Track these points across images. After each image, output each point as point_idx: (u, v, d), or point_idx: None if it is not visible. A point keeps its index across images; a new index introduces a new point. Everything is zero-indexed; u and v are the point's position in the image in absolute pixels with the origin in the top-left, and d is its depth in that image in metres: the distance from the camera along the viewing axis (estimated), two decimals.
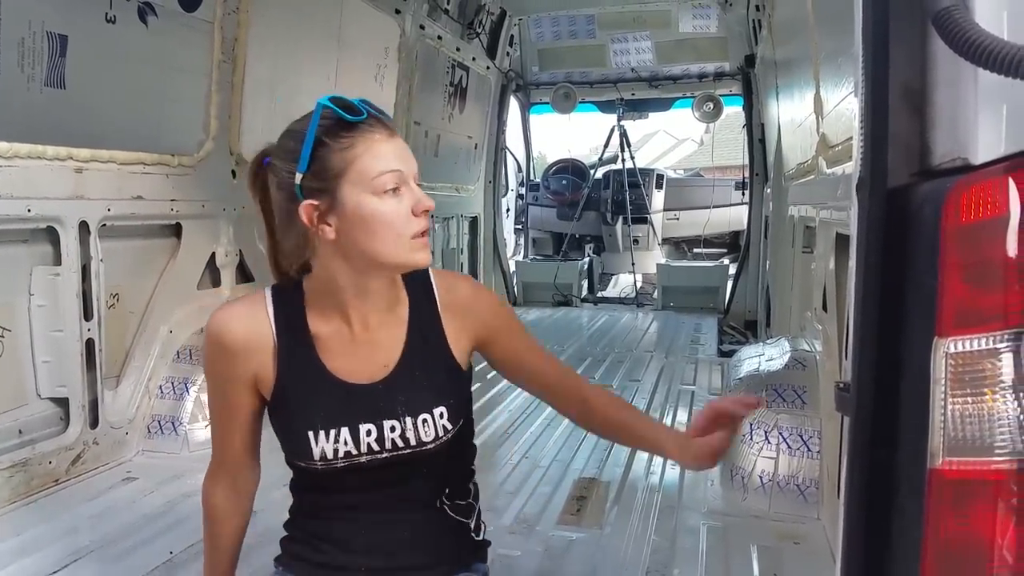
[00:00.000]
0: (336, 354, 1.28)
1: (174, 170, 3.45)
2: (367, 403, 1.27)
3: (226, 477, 1.35)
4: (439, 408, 1.28)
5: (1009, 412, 0.85)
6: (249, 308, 1.30)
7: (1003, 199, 0.84)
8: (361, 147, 1.18)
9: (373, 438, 1.25)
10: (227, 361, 1.27)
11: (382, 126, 1.21)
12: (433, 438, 1.28)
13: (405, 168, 1.20)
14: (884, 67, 0.94)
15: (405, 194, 1.19)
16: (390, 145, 1.20)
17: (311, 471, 1.29)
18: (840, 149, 2.61)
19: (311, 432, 1.24)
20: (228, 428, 1.32)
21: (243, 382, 1.28)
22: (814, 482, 2.63)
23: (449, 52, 6.04)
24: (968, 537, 0.87)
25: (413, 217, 1.19)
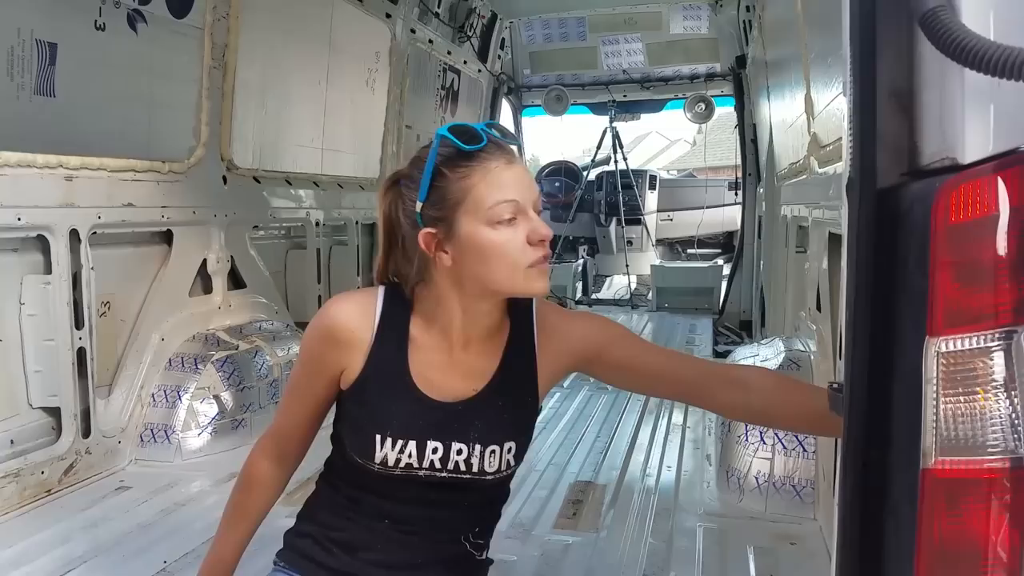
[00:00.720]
0: (427, 366, 1.29)
1: (165, 177, 3.44)
2: (442, 421, 1.27)
3: (275, 449, 1.38)
4: (510, 443, 1.29)
5: (1001, 411, 0.85)
6: (361, 301, 1.32)
7: (992, 198, 0.84)
8: (477, 176, 1.20)
9: (438, 456, 1.26)
10: (326, 347, 1.30)
11: (502, 153, 1.21)
12: (495, 470, 1.29)
13: (522, 197, 1.20)
14: (872, 68, 0.94)
15: (521, 223, 1.19)
16: (508, 174, 1.20)
17: (363, 469, 1.29)
18: (831, 149, 2.61)
19: (379, 435, 1.25)
20: (298, 402, 1.35)
21: (330, 371, 1.31)
22: (810, 482, 2.63)
23: (440, 55, 6.05)
24: (962, 536, 0.87)
25: (529, 246, 1.19)
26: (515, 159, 1.22)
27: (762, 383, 1.33)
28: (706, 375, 1.35)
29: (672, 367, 1.35)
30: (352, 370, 1.29)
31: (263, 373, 3.68)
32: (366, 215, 5.04)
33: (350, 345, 1.28)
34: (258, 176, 4.14)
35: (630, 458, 3.37)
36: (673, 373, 1.34)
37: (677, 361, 1.37)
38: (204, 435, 3.42)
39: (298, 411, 1.36)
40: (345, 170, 5.02)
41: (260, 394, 3.62)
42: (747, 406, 1.32)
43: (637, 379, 1.37)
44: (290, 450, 1.38)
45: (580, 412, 4.12)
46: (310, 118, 4.51)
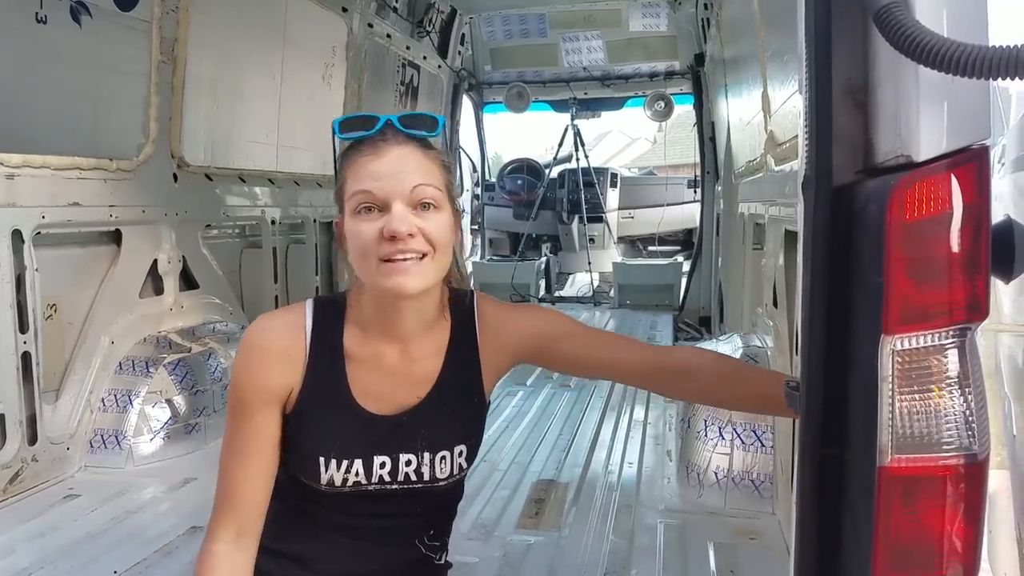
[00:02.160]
0: (367, 380, 1.23)
1: (112, 175, 3.34)
2: (387, 435, 1.23)
3: (230, 531, 1.20)
4: (460, 446, 1.26)
5: (955, 408, 0.85)
6: (288, 318, 1.26)
7: (946, 196, 0.85)
8: (349, 166, 1.17)
9: (387, 470, 1.23)
10: (262, 370, 1.21)
11: (379, 143, 1.16)
12: (448, 475, 1.26)
13: (381, 189, 1.14)
14: (827, 65, 0.93)
15: (382, 217, 1.14)
16: (373, 164, 1.15)
17: (309, 486, 1.25)
18: (788, 147, 2.63)
19: (322, 458, 1.21)
20: (244, 463, 1.21)
21: (273, 396, 1.21)
22: (768, 477, 2.66)
23: (399, 51, 5.98)
24: (917, 532, 0.87)
25: (382, 240, 1.13)
26: (388, 150, 1.16)
27: (709, 368, 1.32)
28: (654, 364, 1.33)
29: (619, 358, 1.32)
30: (292, 393, 1.22)
31: (217, 376, 3.60)
32: (324, 213, 4.95)
33: (285, 363, 1.21)
34: (210, 173, 4.04)
35: (592, 455, 3.37)
36: (621, 363, 1.32)
37: (624, 351, 1.33)
38: (156, 440, 3.33)
39: (247, 474, 1.21)
40: (302, 167, 4.93)
41: (214, 397, 3.54)
42: (697, 391, 1.34)
43: (584, 369, 1.36)
44: (250, 524, 1.22)
45: (543, 410, 4.11)
46: (264, 113, 4.41)
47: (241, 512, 1.21)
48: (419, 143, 1.19)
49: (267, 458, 1.23)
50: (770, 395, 1.23)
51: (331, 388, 1.22)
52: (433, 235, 1.14)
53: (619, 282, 8.09)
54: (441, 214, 1.17)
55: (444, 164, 1.21)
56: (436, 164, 1.19)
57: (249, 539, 1.22)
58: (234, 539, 1.20)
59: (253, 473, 1.22)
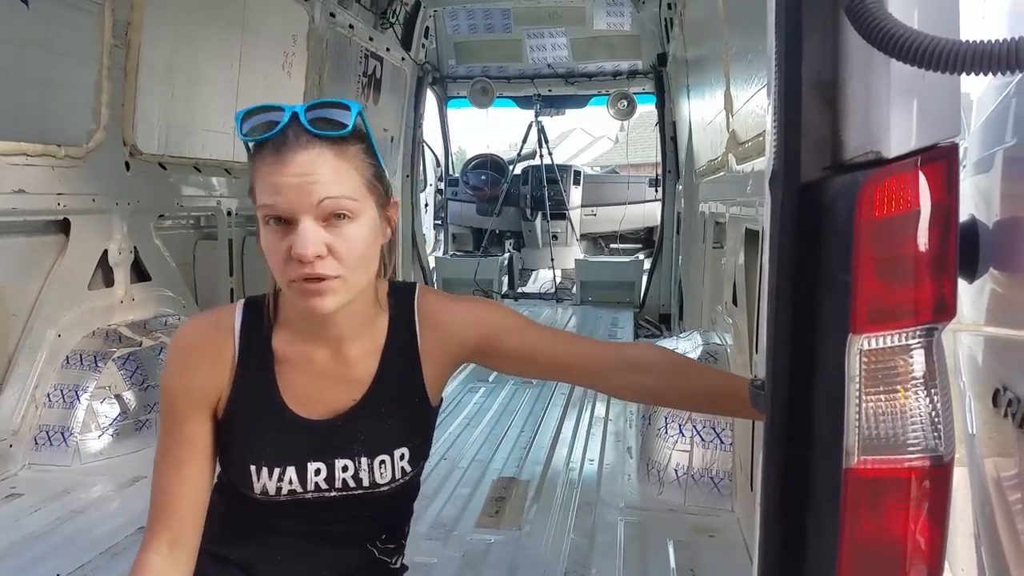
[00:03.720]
0: (299, 384, 1.17)
1: (61, 162, 3.22)
2: (320, 440, 1.16)
3: (165, 541, 1.14)
4: (401, 449, 1.19)
5: (921, 409, 0.84)
6: (216, 319, 1.18)
7: (915, 193, 0.83)
8: (255, 171, 1.06)
9: (322, 477, 1.16)
10: (190, 373, 1.15)
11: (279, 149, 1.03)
12: (389, 480, 1.19)
13: (286, 203, 1.01)
14: (797, 59, 0.91)
15: (290, 231, 1.02)
16: (278, 174, 1.02)
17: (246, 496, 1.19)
18: (749, 146, 2.64)
19: (253, 466, 1.15)
20: (179, 474, 1.15)
21: (204, 400, 1.15)
22: (727, 474, 2.67)
23: (361, 42, 5.89)
24: (883, 534, 0.86)
25: (290, 259, 1.02)
26: (296, 156, 1.02)
27: (659, 365, 1.26)
28: (603, 361, 1.25)
29: (567, 354, 1.24)
30: (222, 398, 1.16)
31: None
32: None
33: (214, 365, 1.15)
34: (164, 162, 3.93)
35: (553, 452, 3.36)
36: (568, 361, 1.24)
37: (572, 348, 1.26)
38: (105, 437, 3.23)
39: (181, 483, 1.15)
40: None
41: None
42: (646, 388, 1.26)
43: (531, 368, 1.27)
44: (185, 536, 1.15)
45: (504, 407, 4.09)
46: (221, 102, 4.29)
47: (175, 523, 1.15)
48: (332, 141, 1.05)
49: (202, 467, 1.16)
50: (723, 391, 1.20)
51: (261, 392, 1.16)
52: (344, 253, 1.04)
53: (581, 279, 8.12)
54: (355, 224, 1.05)
55: (364, 156, 1.09)
56: (353, 163, 1.06)
57: (184, 552, 1.15)
58: (168, 552, 1.14)
59: (187, 483, 1.15)
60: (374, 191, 1.10)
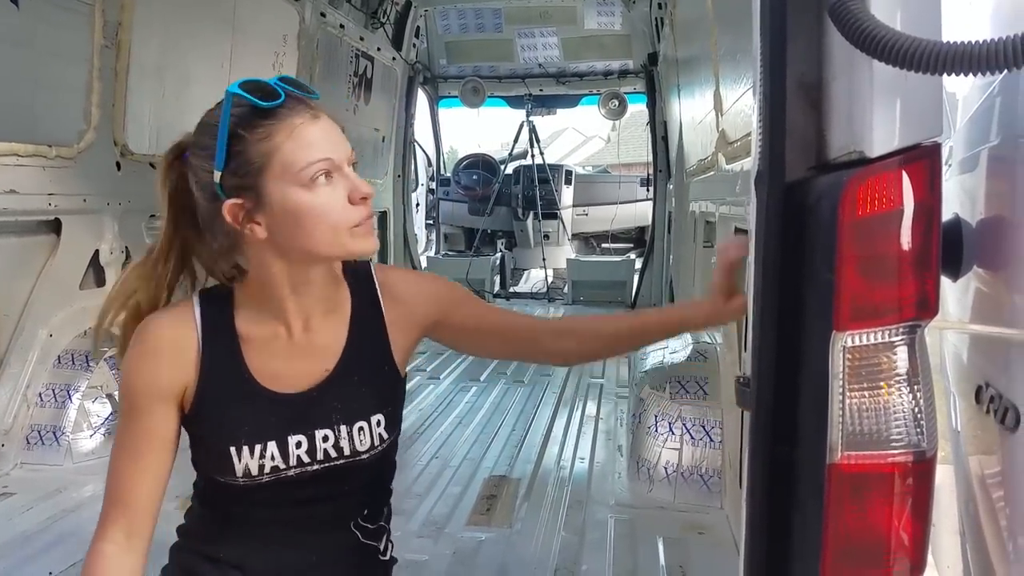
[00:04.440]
0: (267, 360, 1.18)
1: (51, 162, 3.21)
2: (299, 412, 1.17)
3: (120, 530, 1.14)
4: (377, 416, 1.21)
5: (904, 405, 0.86)
6: (175, 313, 1.19)
7: (897, 193, 0.85)
8: (282, 136, 1.08)
9: (304, 450, 1.17)
10: (152, 367, 1.15)
11: (304, 107, 1.10)
12: (368, 447, 1.20)
13: (335, 153, 1.10)
14: (781, 60, 0.93)
15: (339, 181, 1.10)
16: (315, 129, 1.10)
17: (227, 485, 1.18)
18: (739, 145, 2.66)
19: (233, 448, 1.14)
20: (137, 464, 1.15)
21: (167, 395, 1.15)
22: (717, 472, 2.69)
23: (352, 41, 5.88)
24: (866, 529, 0.88)
25: (351, 206, 1.10)
26: (320, 112, 1.12)
27: (584, 327, 1.40)
28: (539, 329, 1.37)
29: (508, 324, 1.36)
30: (189, 389, 1.17)
31: None
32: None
33: (176, 359, 1.16)
34: (155, 162, 3.86)
35: (544, 451, 3.37)
36: (510, 330, 1.35)
37: (512, 318, 1.38)
38: (97, 436, 3.22)
39: (137, 474, 1.15)
40: None
41: None
42: (578, 351, 1.39)
43: (478, 339, 1.36)
44: (140, 525, 1.15)
45: (496, 406, 4.10)
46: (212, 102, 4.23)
47: (131, 513, 1.15)
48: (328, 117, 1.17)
49: (159, 458, 1.16)
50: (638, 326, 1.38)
51: (230, 375, 1.17)
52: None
53: (573, 278, 8.12)
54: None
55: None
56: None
57: (139, 540, 1.16)
58: (124, 540, 1.15)
59: (144, 473, 1.16)
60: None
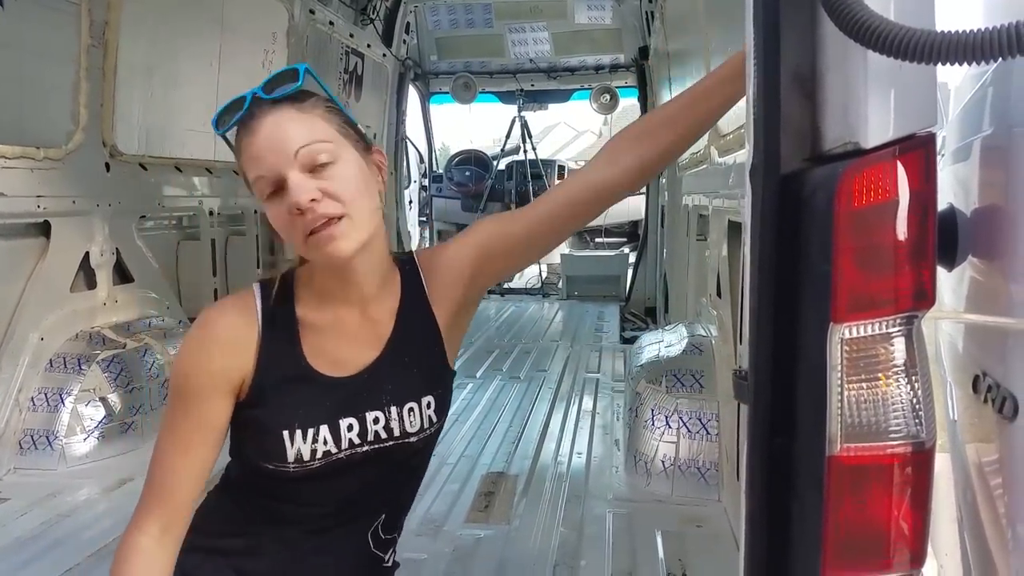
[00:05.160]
0: (324, 346, 1.19)
1: (40, 164, 3.19)
2: (350, 395, 1.18)
3: (157, 524, 1.14)
4: (427, 397, 1.22)
5: (902, 396, 0.85)
6: (237, 302, 1.20)
7: (893, 183, 0.84)
8: (240, 157, 1.12)
9: (355, 432, 1.18)
10: (212, 357, 1.15)
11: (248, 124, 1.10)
12: (418, 429, 1.21)
13: (272, 166, 1.07)
14: (775, 51, 0.92)
15: (286, 191, 1.07)
16: (253, 144, 1.09)
17: (274, 475, 1.17)
18: (731, 138, 2.66)
19: (287, 432, 1.14)
20: (186, 456, 1.15)
21: (225, 384, 1.16)
22: (714, 465, 2.69)
23: (342, 38, 5.86)
24: (866, 521, 0.87)
25: (294, 216, 1.07)
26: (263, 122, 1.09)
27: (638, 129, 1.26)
28: (584, 180, 1.25)
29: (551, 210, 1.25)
30: (247, 376, 1.17)
31: (154, 372, 3.48)
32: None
33: (236, 349, 1.16)
34: (144, 163, 3.89)
35: (542, 446, 3.37)
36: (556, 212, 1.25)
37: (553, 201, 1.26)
38: (91, 440, 3.21)
39: (184, 467, 1.14)
40: None
41: (151, 395, 3.42)
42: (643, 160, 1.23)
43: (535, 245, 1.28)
44: (176, 520, 1.16)
45: (493, 402, 4.09)
46: (201, 101, 4.25)
47: (170, 507, 1.15)
48: (292, 101, 1.11)
49: (207, 451, 1.17)
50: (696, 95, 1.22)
51: (287, 362, 1.18)
52: (338, 192, 1.08)
53: (567, 273, 8.13)
54: (340, 165, 1.10)
55: (327, 109, 1.13)
56: (316, 115, 1.11)
57: (172, 536, 1.16)
58: (159, 535, 1.15)
59: (191, 467, 1.15)
60: (348, 136, 1.14)
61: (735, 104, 1.27)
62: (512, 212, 1.31)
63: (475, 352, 5.36)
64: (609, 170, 1.23)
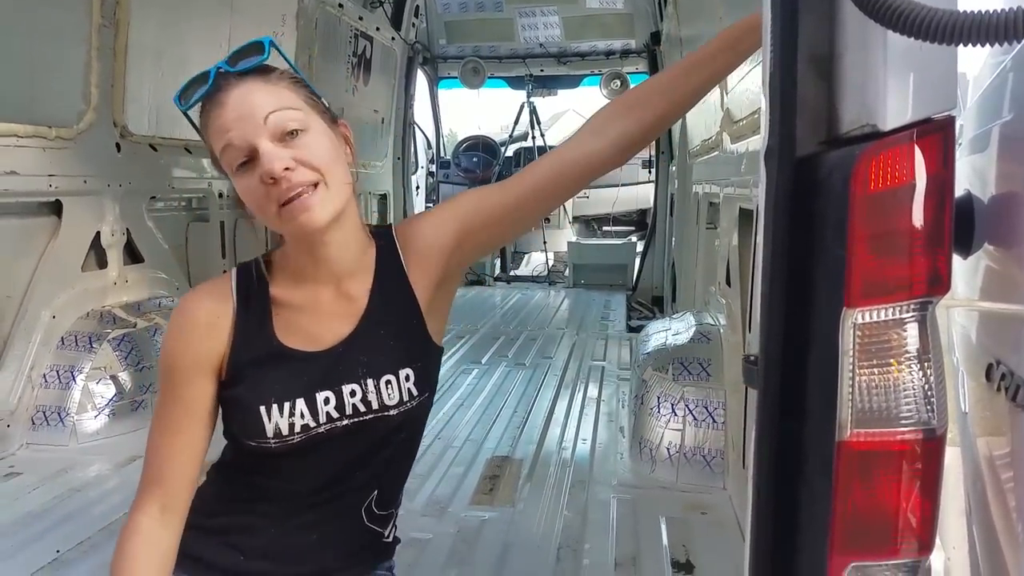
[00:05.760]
0: (298, 323, 1.20)
1: (51, 143, 3.20)
2: (326, 369, 1.18)
3: (156, 504, 1.16)
4: (405, 370, 1.20)
5: (914, 382, 0.85)
6: (213, 287, 1.22)
7: (910, 167, 0.83)
8: (206, 130, 1.11)
9: (332, 405, 1.17)
10: (188, 340, 1.17)
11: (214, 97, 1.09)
12: (397, 402, 1.20)
13: (239, 135, 1.07)
14: (792, 32, 0.91)
15: (258, 162, 1.07)
16: (221, 116, 1.08)
17: (259, 453, 1.18)
18: (744, 124, 2.64)
19: (263, 407, 1.15)
20: (174, 438, 1.17)
21: (204, 366, 1.17)
22: (719, 452, 2.69)
23: (351, 21, 5.83)
24: (875, 507, 0.87)
25: (267, 186, 1.07)
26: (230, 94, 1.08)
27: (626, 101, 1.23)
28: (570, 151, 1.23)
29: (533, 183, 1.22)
30: (224, 356, 1.19)
31: None
32: None
33: (213, 330, 1.18)
34: (155, 143, 3.89)
35: (546, 432, 3.38)
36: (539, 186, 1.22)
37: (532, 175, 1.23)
38: (101, 417, 3.24)
39: (176, 448, 1.17)
40: None
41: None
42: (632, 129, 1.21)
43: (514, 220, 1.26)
44: (176, 500, 1.18)
45: (498, 388, 4.10)
46: None
47: (166, 487, 1.18)
48: (258, 74, 1.11)
49: (196, 433, 1.19)
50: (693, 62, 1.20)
51: (260, 342, 1.19)
52: (312, 160, 1.08)
53: (574, 262, 8.12)
54: (311, 135, 1.10)
55: (293, 81, 1.13)
56: (283, 86, 1.11)
57: (174, 516, 1.19)
58: (159, 514, 1.17)
59: (180, 448, 1.18)
60: (315, 107, 1.15)
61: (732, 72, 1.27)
62: (494, 185, 1.29)
63: (481, 338, 5.37)
64: (595, 142, 1.21)
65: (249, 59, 1.11)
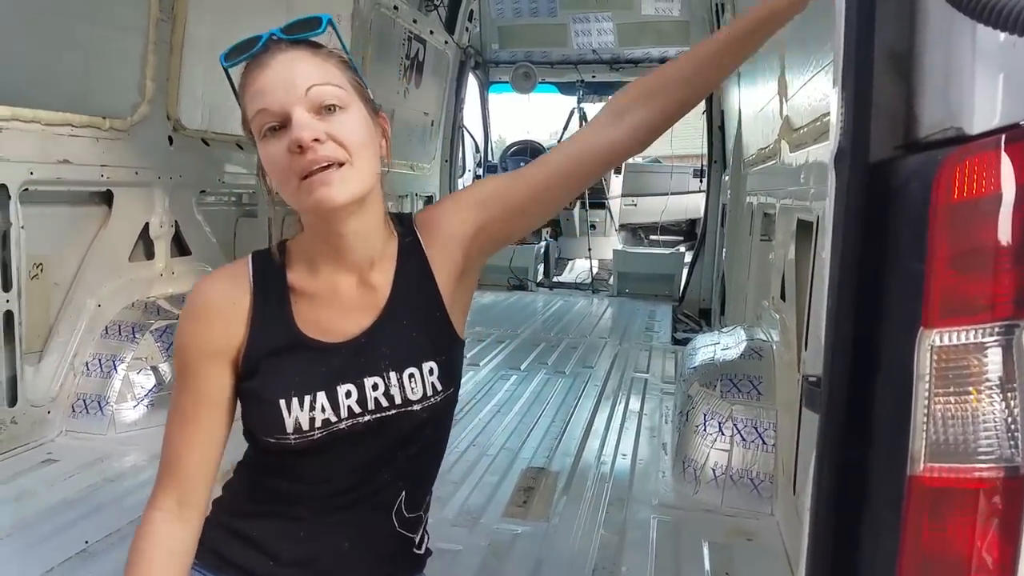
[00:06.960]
0: (318, 313, 1.16)
1: (105, 134, 3.25)
2: (347, 361, 1.14)
3: (172, 498, 1.13)
4: (429, 363, 1.16)
5: (996, 414, 0.76)
6: (229, 272, 1.19)
7: (997, 176, 0.75)
8: (244, 92, 1.09)
9: (354, 399, 1.13)
10: (203, 327, 1.14)
11: (261, 60, 1.08)
12: (421, 396, 1.15)
13: (276, 102, 1.04)
14: (868, 26, 0.84)
15: (288, 129, 1.04)
16: (261, 79, 1.06)
17: (279, 450, 1.14)
18: (805, 131, 2.53)
19: (283, 400, 1.11)
20: (189, 429, 1.14)
21: (218, 354, 1.14)
22: (768, 476, 2.58)
23: (406, 24, 5.85)
24: (947, 549, 0.79)
25: (293, 154, 1.04)
26: (276, 58, 1.06)
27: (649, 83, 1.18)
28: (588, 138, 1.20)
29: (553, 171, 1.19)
30: (240, 346, 1.15)
31: None
32: None
33: (228, 319, 1.14)
34: (207, 138, 3.94)
35: (585, 444, 3.30)
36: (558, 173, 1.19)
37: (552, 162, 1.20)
38: (140, 407, 3.26)
39: (190, 441, 1.14)
40: None
41: None
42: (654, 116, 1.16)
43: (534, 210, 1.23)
44: (192, 494, 1.14)
45: (536, 396, 4.03)
46: None
47: (183, 481, 1.14)
48: (308, 46, 1.09)
49: (211, 424, 1.15)
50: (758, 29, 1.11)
51: (278, 331, 1.15)
52: (343, 137, 1.05)
53: (619, 270, 8.01)
54: (349, 114, 1.07)
55: (342, 61, 1.11)
56: (331, 62, 1.09)
57: (191, 510, 1.15)
58: (176, 508, 1.14)
59: (195, 440, 1.14)
60: (359, 90, 1.11)
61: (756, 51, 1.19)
62: (512, 173, 1.24)
63: (520, 344, 5.31)
64: (614, 130, 1.17)
65: (304, 31, 1.10)
